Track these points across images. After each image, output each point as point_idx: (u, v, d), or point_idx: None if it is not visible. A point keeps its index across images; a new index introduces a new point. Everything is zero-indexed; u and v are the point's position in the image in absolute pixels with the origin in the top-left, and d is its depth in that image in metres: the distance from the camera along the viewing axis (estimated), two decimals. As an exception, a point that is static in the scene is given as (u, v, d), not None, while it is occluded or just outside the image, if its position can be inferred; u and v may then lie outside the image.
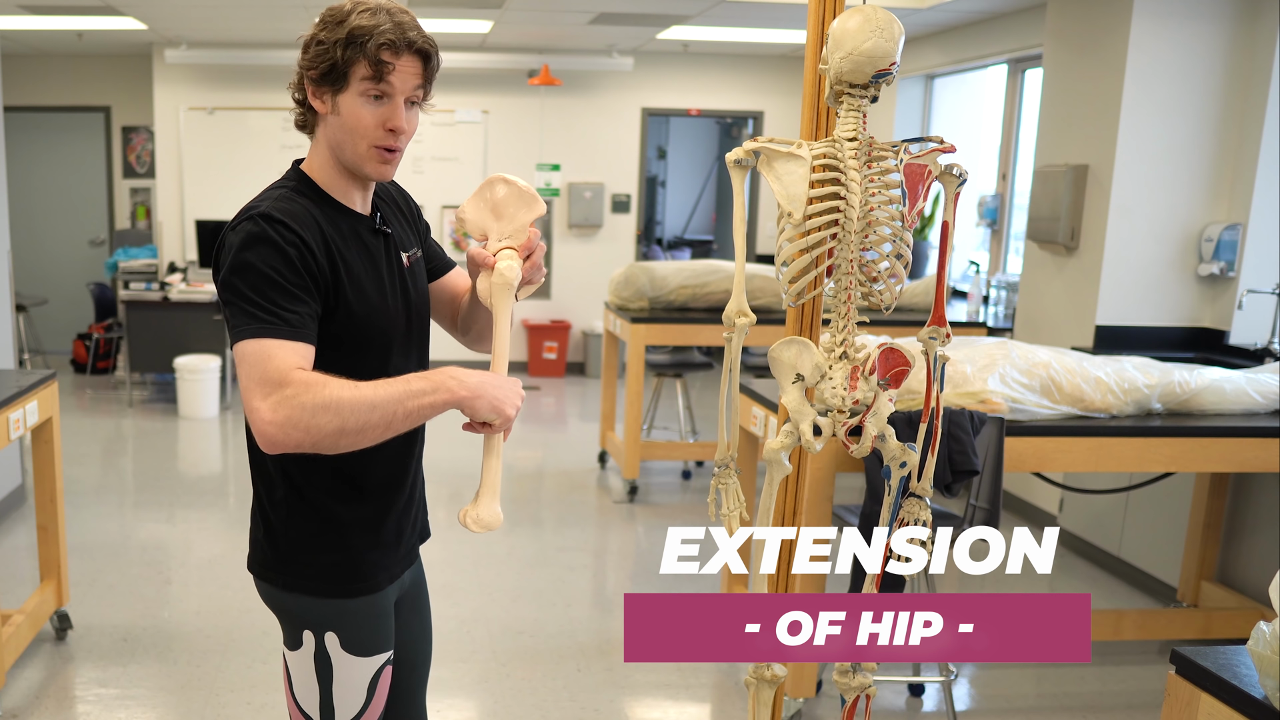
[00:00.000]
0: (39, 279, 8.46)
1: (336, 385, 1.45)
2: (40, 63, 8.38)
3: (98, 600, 3.86)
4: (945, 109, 7.06)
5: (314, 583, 1.69)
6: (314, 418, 1.43)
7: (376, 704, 1.75)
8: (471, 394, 1.52)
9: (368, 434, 1.47)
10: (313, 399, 1.43)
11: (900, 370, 1.77)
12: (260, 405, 1.43)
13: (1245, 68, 4.31)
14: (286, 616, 1.74)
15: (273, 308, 1.49)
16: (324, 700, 1.72)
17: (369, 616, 1.72)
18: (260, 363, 1.46)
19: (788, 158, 1.76)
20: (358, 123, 1.58)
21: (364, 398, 1.45)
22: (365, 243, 1.67)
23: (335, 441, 1.45)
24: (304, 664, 1.72)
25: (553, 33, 7.12)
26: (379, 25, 1.54)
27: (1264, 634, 1.47)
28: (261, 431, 1.44)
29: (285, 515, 1.69)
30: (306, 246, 1.55)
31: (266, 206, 1.57)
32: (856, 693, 1.94)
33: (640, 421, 5.20)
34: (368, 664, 1.72)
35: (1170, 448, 3.11)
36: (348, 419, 1.44)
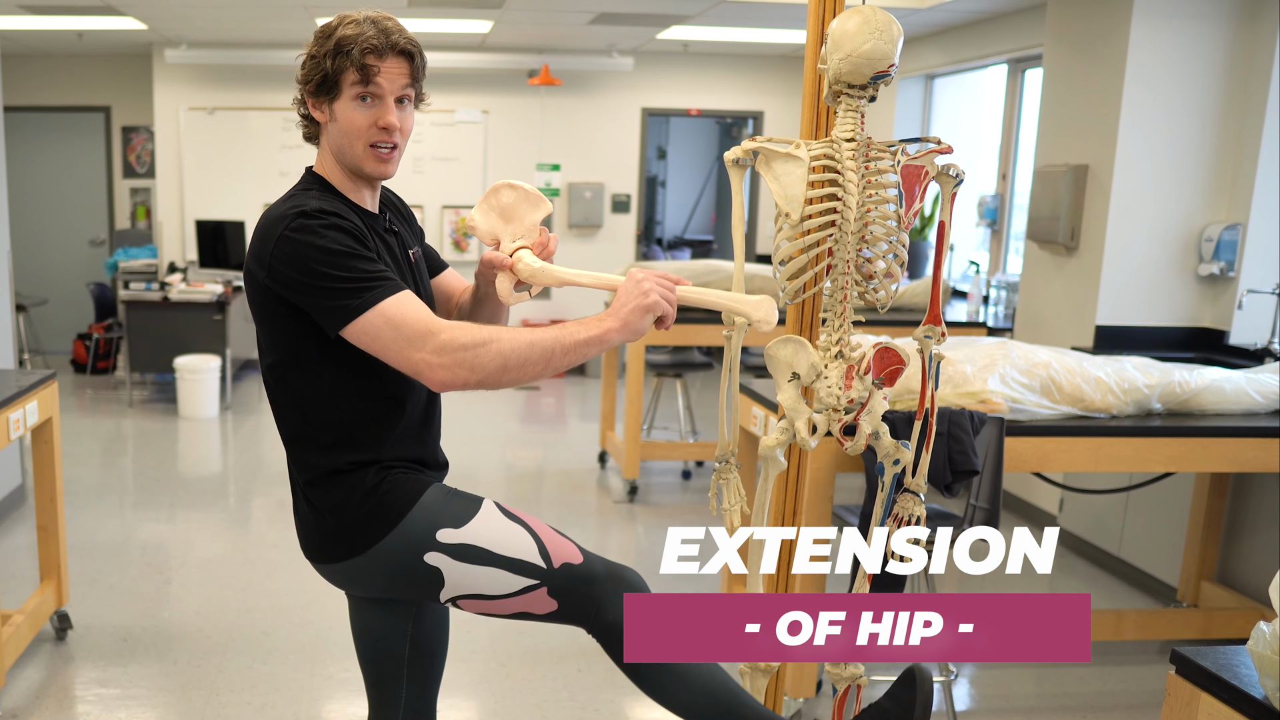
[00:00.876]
0: (39, 279, 8.46)
1: (489, 327, 1.58)
2: (40, 63, 8.38)
3: (98, 600, 3.86)
4: (945, 109, 7.06)
5: (383, 522, 1.69)
6: (477, 356, 1.54)
7: (534, 521, 1.75)
8: (620, 322, 1.62)
9: (528, 369, 1.57)
10: (470, 337, 1.55)
11: (895, 369, 1.78)
12: (422, 355, 1.55)
13: (1245, 68, 4.31)
14: (395, 571, 1.71)
15: (365, 275, 1.59)
16: (510, 565, 1.69)
17: (444, 497, 1.73)
18: (395, 325, 1.56)
19: (786, 158, 1.76)
20: (352, 125, 1.69)
21: (522, 337, 1.58)
22: (383, 238, 1.78)
23: (499, 378, 1.56)
24: (464, 574, 1.69)
25: (553, 33, 7.12)
26: (363, 33, 1.65)
27: (1264, 634, 1.47)
28: (433, 377, 1.55)
29: (327, 492, 1.72)
30: (360, 230, 1.66)
31: (311, 204, 1.65)
32: (848, 683, 1.95)
33: (640, 421, 5.20)
34: (487, 512, 1.72)
35: (1170, 448, 3.11)
36: (509, 356, 1.56)
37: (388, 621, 1.86)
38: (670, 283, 1.67)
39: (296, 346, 1.69)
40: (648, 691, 1.76)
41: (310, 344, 1.67)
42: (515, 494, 5.41)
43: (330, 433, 1.72)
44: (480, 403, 7.15)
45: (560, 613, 1.74)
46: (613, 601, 1.73)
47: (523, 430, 6.69)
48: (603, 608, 1.73)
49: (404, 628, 1.87)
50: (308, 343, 1.67)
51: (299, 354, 1.69)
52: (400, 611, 1.87)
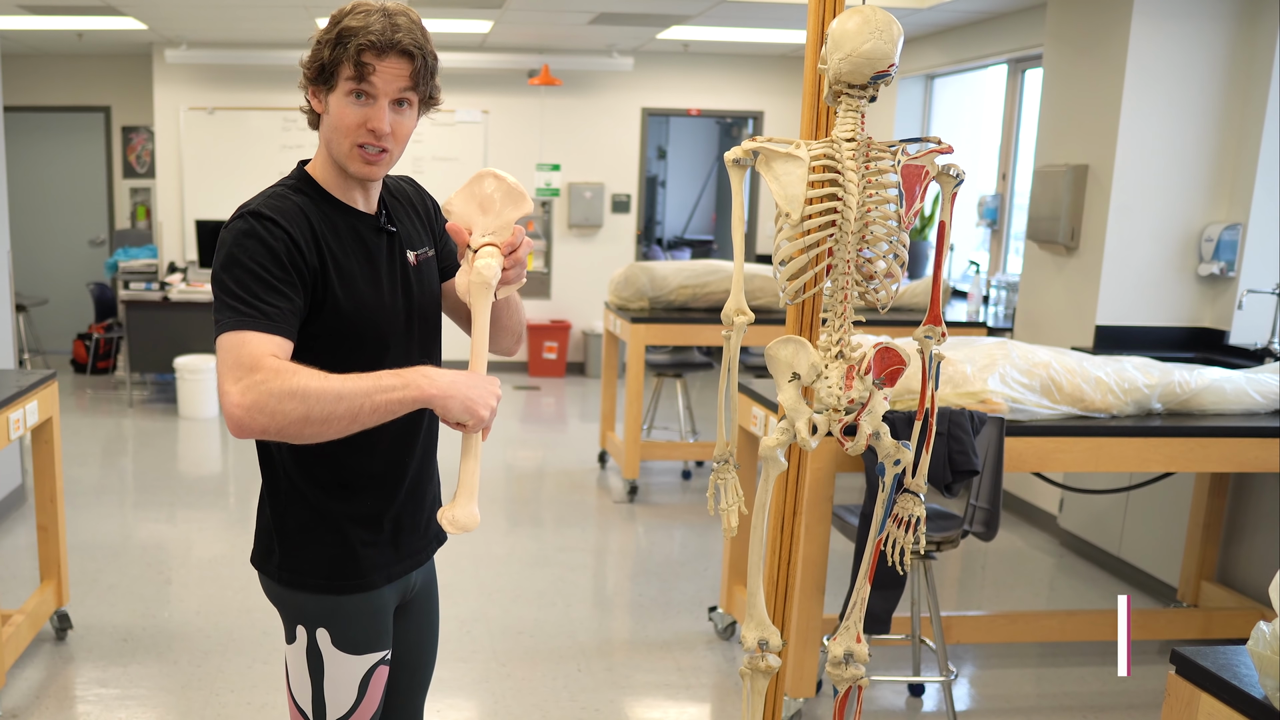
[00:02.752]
0: (39, 279, 8.46)
1: (306, 374, 1.46)
2: (40, 63, 8.38)
3: (98, 600, 3.86)
4: (945, 109, 7.06)
5: (307, 577, 1.70)
6: (280, 404, 1.43)
7: (368, 704, 1.75)
8: (441, 392, 1.50)
9: (333, 424, 1.46)
10: (281, 385, 1.44)
11: (895, 369, 1.78)
12: (230, 389, 1.45)
13: (1245, 68, 4.31)
14: (283, 610, 1.75)
15: (255, 301, 1.51)
16: (315, 696, 1.73)
17: (361, 615, 1.72)
18: (234, 350, 1.48)
19: (786, 158, 1.76)
20: (341, 121, 1.60)
21: (331, 388, 1.45)
22: (365, 240, 1.68)
23: (300, 430, 1.46)
24: (298, 659, 1.73)
25: (553, 33, 7.12)
26: (368, 26, 1.55)
27: (1264, 634, 1.47)
28: (229, 414, 1.45)
29: (284, 509, 1.71)
30: (293, 242, 1.56)
31: (257, 204, 1.60)
32: (848, 684, 1.95)
33: (640, 421, 5.20)
34: (359, 662, 1.72)
35: (1170, 448, 3.11)
36: (313, 407, 1.44)
37: None
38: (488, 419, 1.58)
39: None
40: None
41: None
42: (515, 494, 5.41)
43: (296, 448, 1.66)
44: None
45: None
46: None
47: (523, 430, 6.69)
48: None
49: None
50: None
51: None
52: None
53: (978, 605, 4.19)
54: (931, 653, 3.32)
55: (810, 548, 2.96)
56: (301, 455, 1.67)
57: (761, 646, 1.93)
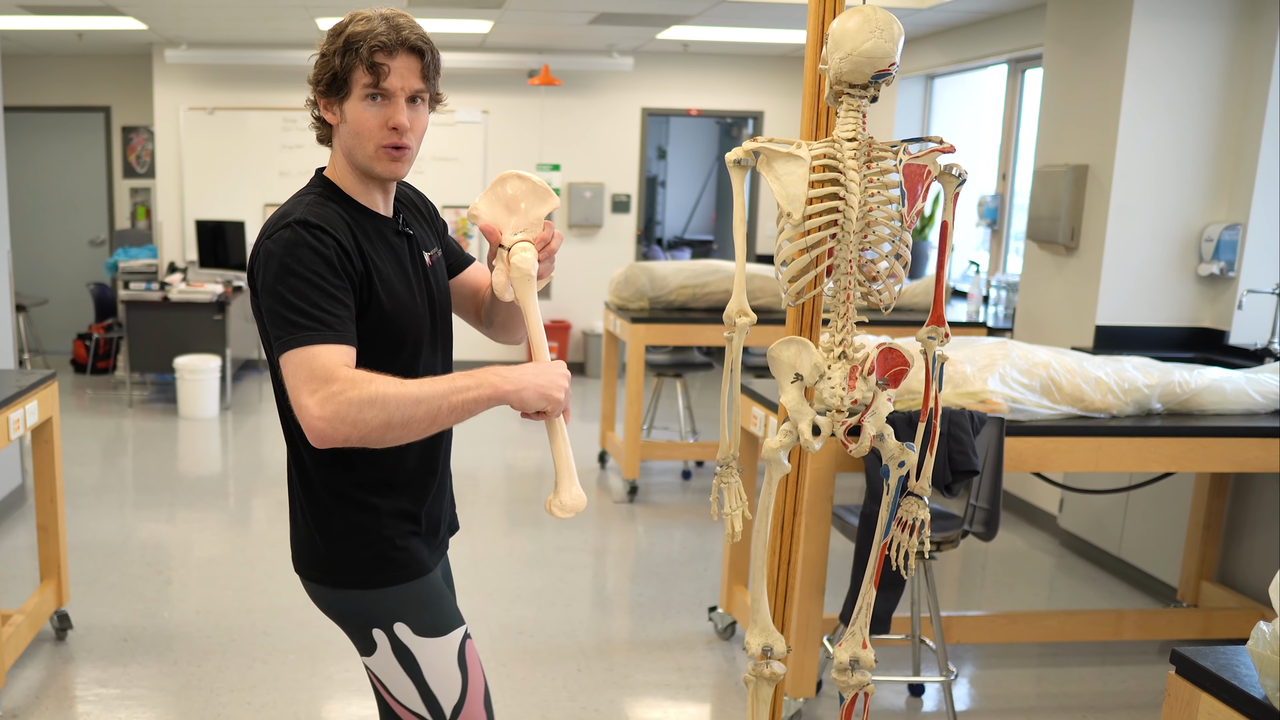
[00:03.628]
0: (39, 279, 8.46)
1: (382, 381, 1.50)
2: (40, 63, 8.38)
3: (98, 600, 3.86)
4: (945, 109, 7.06)
5: (367, 575, 1.70)
6: (360, 412, 1.47)
7: (475, 680, 1.75)
8: (516, 388, 1.57)
9: (413, 428, 1.51)
10: (359, 394, 1.48)
11: (899, 370, 1.77)
12: (308, 402, 1.48)
13: (1245, 68, 4.31)
14: (349, 620, 1.74)
15: (316, 312, 1.54)
16: (423, 693, 1.71)
17: (429, 597, 1.73)
18: (306, 363, 1.51)
19: (787, 158, 1.76)
20: (362, 125, 1.63)
21: (409, 393, 1.50)
22: (391, 244, 1.72)
23: (382, 435, 1.50)
24: (388, 664, 1.71)
25: (553, 33, 7.12)
26: (373, 30, 1.60)
27: (1264, 634, 1.47)
28: (310, 427, 1.48)
29: (326, 515, 1.72)
30: (342, 249, 1.60)
31: (301, 213, 1.61)
32: (855, 690, 1.94)
33: (640, 421, 5.20)
34: (448, 642, 1.72)
35: (1170, 448, 3.11)
36: (393, 413, 1.49)
37: None
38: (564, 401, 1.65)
39: None
40: None
41: None
42: (515, 494, 5.41)
43: (329, 451, 1.68)
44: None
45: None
46: None
47: (523, 430, 6.69)
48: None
49: None
50: None
51: None
52: None
53: (978, 605, 4.19)
54: (931, 653, 3.32)
55: (810, 548, 2.96)
56: (341, 459, 1.69)
57: (766, 653, 1.93)
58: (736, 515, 1.90)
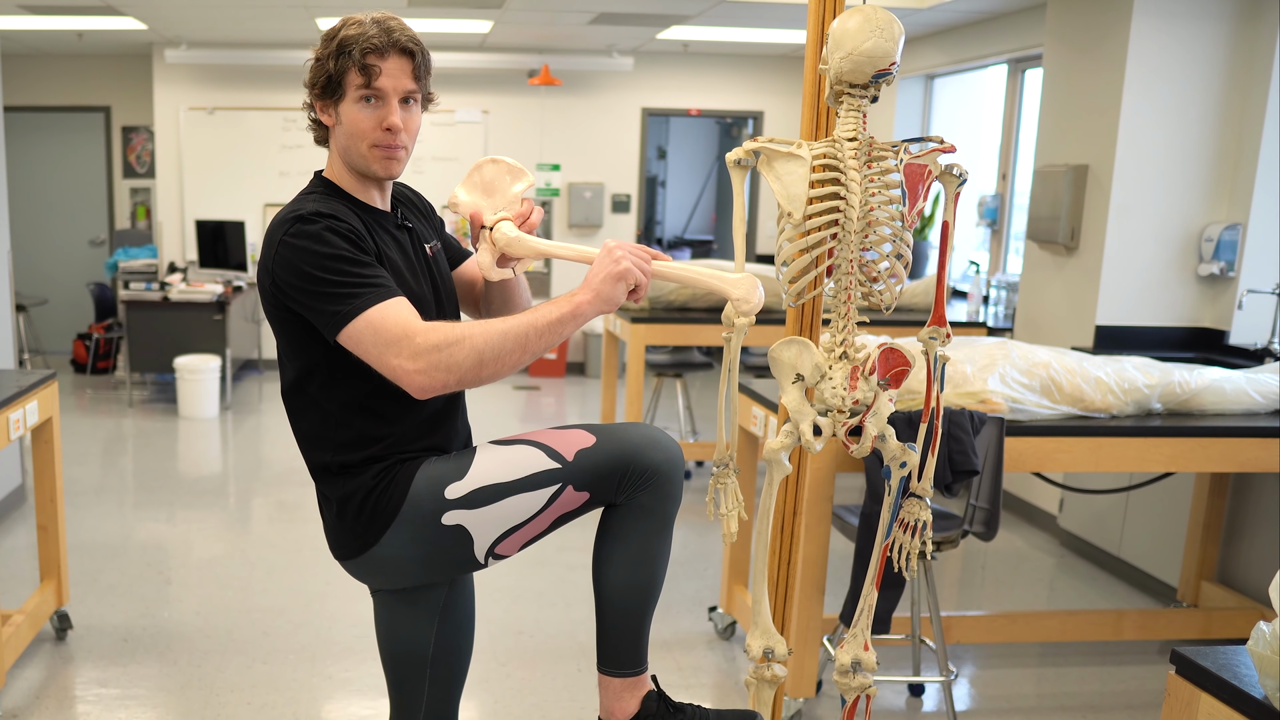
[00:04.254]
0: (39, 279, 8.46)
1: (462, 324, 1.56)
2: (40, 63, 8.38)
3: (98, 600, 3.86)
4: (945, 109, 7.06)
5: (394, 497, 1.69)
6: (451, 356, 1.52)
7: (539, 432, 1.75)
8: (591, 294, 1.61)
9: (506, 359, 1.55)
10: (443, 338, 1.53)
11: (900, 370, 1.77)
12: (398, 362, 1.53)
13: (1245, 68, 4.31)
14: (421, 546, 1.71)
15: (360, 280, 1.58)
16: (526, 485, 1.68)
17: (440, 460, 1.73)
18: (378, 328, 1.55)
19: (788, 158, 1.76)
20: (356, 126, 1.69)
21: (493, 327, 1.55)
22: (394, 236, 1.77)
23: (478, 373, 1.54)
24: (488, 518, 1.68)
25: (553, 33, 7.12)
26: (365, 32, 1.65)
27: (1264, 634, 1.47)
28: (411, 384, 1.53)
29: (341, 483, 1.73)
30: (357, 232, 1.65)
31: (313, 207, 1.65)
32: (857, 693, 1.94)
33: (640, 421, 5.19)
34: (484, 451, 1.72)
35: (1170, 448, 3.11)
36: (484, 349, 1.54)
37: (415, 619, 1.85)
38: (646, 255, 1.67)
39: (311, 351, 1.68)
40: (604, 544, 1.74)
41: (325, 348, 1.67)
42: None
43: (346, 431, 1.72)
44: (480, 403, 7.14)
45: (593, 499, 1.72)
46: (643, 475, 1.68)
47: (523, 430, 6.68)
48: (632, 483, 1.69)
49: (430, 625, 1.87)
50: (322, 347, 1.67)
51: (315, 358, 1.69)
52: (427, 608, 1.86)
53: (978, 605, 4.19)
54: (931, 653, 3.32)
55: (810, 548, 2.96)
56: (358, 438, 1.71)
57: (767, 655, 1.92)
58: (732, 516, 1.90)
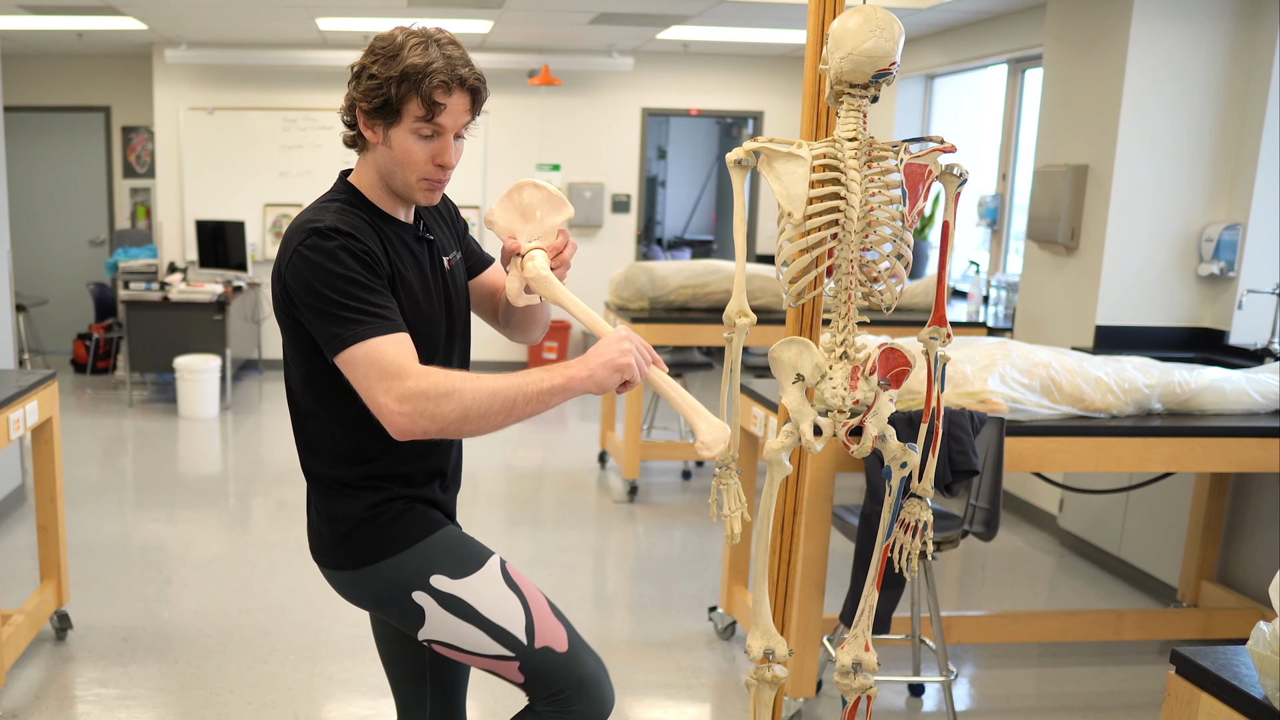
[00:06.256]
0: (39, 279, 8.46)
1: (456, 375, 1.54)
2: (40, 63, 8.38)
3: (98, 600, 3.86)
4: (945, 109, 7.06)
5: (383, 544, 1.71)
6: (437, 406, 1.50)
7: (532, 593, 1.75)
8: (586, 372, 1.59)
9: (490, 420, 1.54)
10: (433, 386, 1.51)
11: (901, 370, 1.77)
12: (384, 400, 1.52)
13: (1245, 68, 4.31)
14: (385, 598, 1.73)
15: (367, 308, 1.57)
16: (491, 631, 1.70)
17: (454, 543, 1.74)
18: (375, 361, 1.54)
19: (788, 158, 1.76)
20: (409, 158, 1.65)
21: (484, 386, 1.53)
22: (412, 250, 1.74)
23: (459, 428, 1.53)
24: (444, 621, 1.70)
25: (553, 33, 7.12)
26: (431, 63, 1.59)
27: (1264, 634, 1.47)
28: (391, 424, 1.52)
29: (334, 501, 1.73)
30: (373, 255, 1.62)
31: (331, 220, 1.62)
32: (857, 694, 1.94)
33: (640, 421, 5.20)
34: (486, 573, 1.72)
35: (1170, 448, 3.11)
36: (470, 406, 1.52)
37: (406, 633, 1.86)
38: (649, 357, 1.66)
39: (315, 361, 1.67)
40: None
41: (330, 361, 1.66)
42: (515, 494, 5.41)
43: (343, 445, 1.71)
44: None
45: (525, 685, 1.77)
46: (575, 706, 1.74)
47: (523, 430, 6.68)
48: (562, 704, 1.75)
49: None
50: (327, 359, 1.65)
51: (319, 369, 1.67)
52: None
53: (978, 605, 4.19)
54: (931, 653, 3.32)
55: (810, 548, 2.96)
56: (354, 454, 1.70)
57: (767, 656, 1.92)
58: (735, 517, 1.90)
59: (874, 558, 1.89)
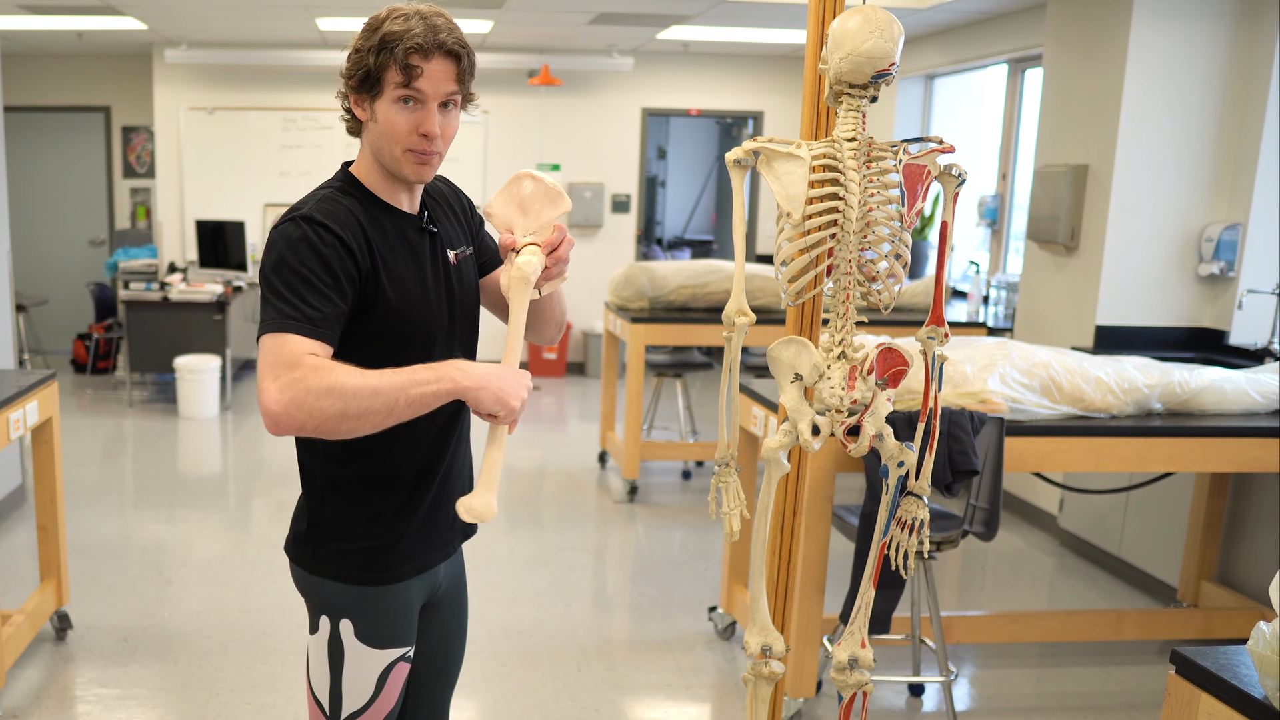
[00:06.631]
0: (39, 279, 8.46)
1: (343, 371, 1.49)
2: (40, 63, 8.38)
3: (98, 600, 3.86)
4: (945, 109, 7.06)
5: (337, 568, 1.72)
6: (317, 400, 1.45)
7: (386, 699, 1.76)
8: (475, 385, 1.53)
9: (369, 419, 1.49)
10: (318, 382, 1.46)
11: (898, 370, 1.77)
12: (269, 386, 1.47)
13: (1245, 68, 4.31)
14: (309, 599, 1.77)
15: (300, 303, 1.54)
16: (333, 688, 1.74)
17: (387, 609, 1.73)
18: (275, 349, 1.50)
19: (787, 158, 1.76)
20: (392, 128, 1.62)
21: (367, 384, 1.48)
22: (410, 241, 1.71)
23: (337, 425, 1.48)
24: (319, 649, 1.74)
25: (553, 33, 7.12)
26: (410, 30, 1.57)
27: (1264, 634, 1.47)
28: (267, 411, 1.47)
29: (320, 502, 1.73)
30: (345, 247, 1.59)
31: (309, 208, 1.61)
32: (853, 690, 1.94)
33: (640, 421, 5.20)
34: (379, 656, 1.73)
35: (1170, 448, 3.11)
36: (349, 404, 1.47)
37: None
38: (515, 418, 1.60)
39: None
40: None
41: None
42: (515, 494, 5.41)
43: (335, 444, 1.68)
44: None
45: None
46: None
47: (523, 430, 6.69)
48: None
49: None
50: None
51: None
52: None
53: (978, 605, 4.19)
54: (931, 653, 3.32)
55: (810, 548, 2.96)
56: (345, 450, 1.69)
57: (765, 652, 1.93)
58: (734, 514, 1.90)
59: (870, 555, 1.89)
